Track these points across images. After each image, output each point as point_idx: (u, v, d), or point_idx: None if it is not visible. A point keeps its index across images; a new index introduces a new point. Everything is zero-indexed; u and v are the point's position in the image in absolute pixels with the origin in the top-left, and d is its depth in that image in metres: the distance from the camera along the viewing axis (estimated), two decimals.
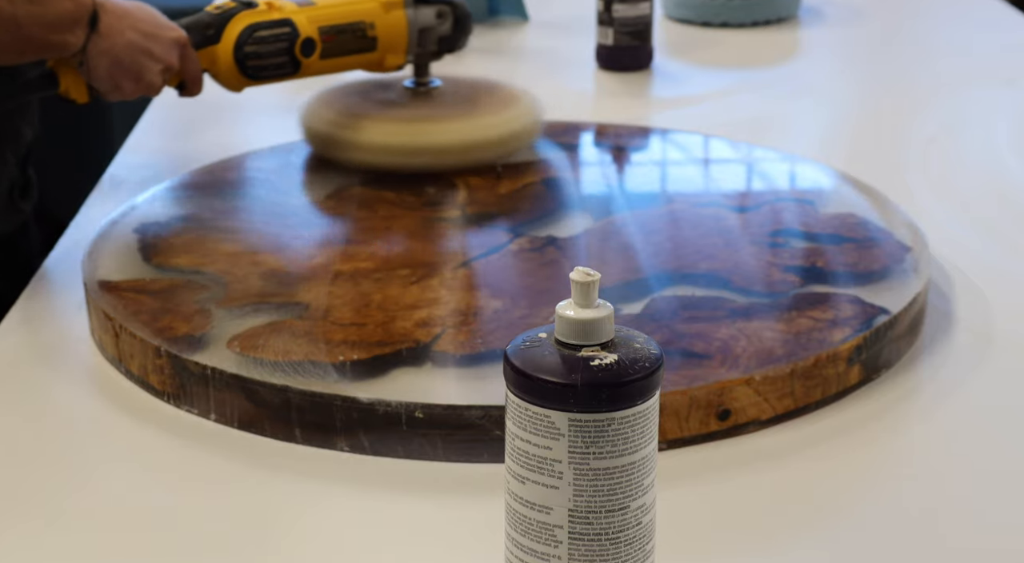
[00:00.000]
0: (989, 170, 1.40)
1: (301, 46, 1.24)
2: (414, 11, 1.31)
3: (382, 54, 1.31)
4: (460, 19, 1.34)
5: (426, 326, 0.98)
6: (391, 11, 1.30)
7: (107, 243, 1.13)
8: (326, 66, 1.28)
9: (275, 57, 1.24)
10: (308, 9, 1.26)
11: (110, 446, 0.94)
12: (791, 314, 1.00)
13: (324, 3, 1.28)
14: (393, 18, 1.30)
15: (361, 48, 1.29)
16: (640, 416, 0.68)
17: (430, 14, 1.32)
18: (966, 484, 0.88)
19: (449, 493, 0.87)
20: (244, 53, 1.22)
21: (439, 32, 1.33)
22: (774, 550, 0.82)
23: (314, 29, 1.25)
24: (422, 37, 1.32)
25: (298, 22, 1.25)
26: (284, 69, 1.26)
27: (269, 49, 1.23)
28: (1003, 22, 1.93)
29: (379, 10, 1.29)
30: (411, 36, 1.31)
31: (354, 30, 1.28)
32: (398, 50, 1.31)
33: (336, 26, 1.27)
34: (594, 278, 0.68)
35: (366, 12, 1.29)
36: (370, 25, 1.28)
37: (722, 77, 1.74)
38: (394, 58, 1.31)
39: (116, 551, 0.82)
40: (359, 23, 1.28)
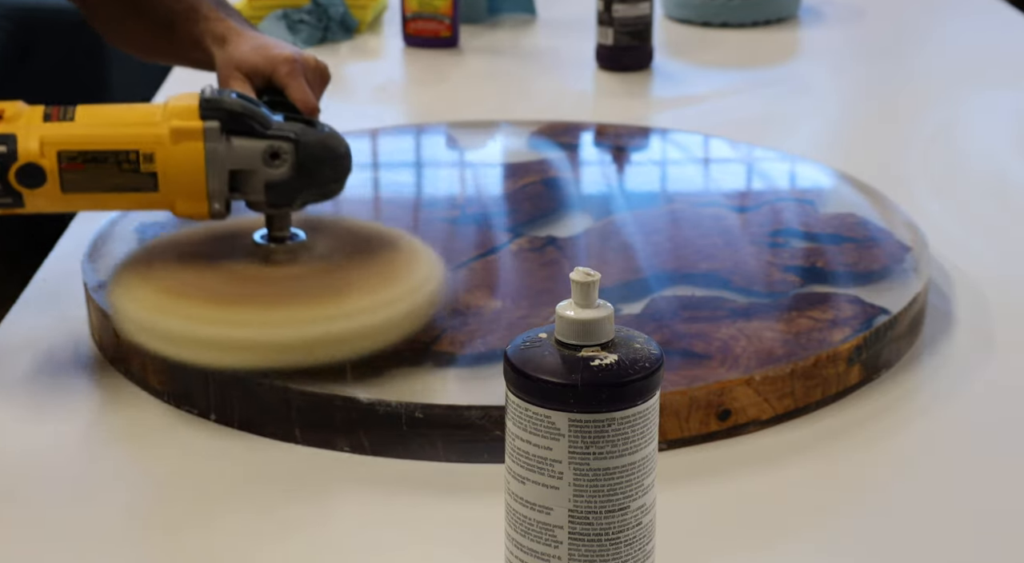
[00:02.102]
0: (989, 170, 1.40)
1: (17, 173, 0.93)
2: (220, 145, 0.95)
3: (169, 197, 0.96)
4: (308, 163, 0.97)
5: (426, 326, 0.98)
6: (181, 142, 0.95)
7: (107, 243, 1.13)
8: (77, 201, 0.96)
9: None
10: (54, 125, 0.95)
11: (110, 446, 0.94)
12: (791, 314, 1.00)
13: (88, 120, 0.96)
14: (183, 152, 0.95)
15: (131, 185, 0.95)
16: (640, 416, 0.68)
17: (252, 152, 0.96)
18: (966, 484, 0.88)
19: (449, 493, 0.87)
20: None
21: (268, 177, 0.97)
22: (774, 550, 0.82)
23: (49, 153, 0.93)
24: (239, 181, 0.97)
25: (22, 140, 0.93)
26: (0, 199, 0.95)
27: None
28: (1003, 22, 1.93)
29: (162, 139, 0.95)
30: (212, 178, 0.96)
31: (119, 160, 0.95)
32: (193, 195, 0.96)
33: (87, 152, 0.94)
34: (594, 278, 0.68)
35: (140, 139, 0.95)
36: (146, 157, 0.94)
37: (722, 77, 1.74)
38: (189, 205, 0.97)
39: (116, 551, 0.82)
40: (126, 152, 0.95)
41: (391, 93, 1.71)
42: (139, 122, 0.96)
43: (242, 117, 0.97)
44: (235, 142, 0.96)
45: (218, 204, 0.97)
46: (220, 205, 0.97)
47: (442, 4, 1.78)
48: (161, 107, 0.97)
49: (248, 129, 0.97)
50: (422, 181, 1.33)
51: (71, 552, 0.82)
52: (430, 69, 1.76)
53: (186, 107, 0.96)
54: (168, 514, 0.86)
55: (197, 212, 0.98)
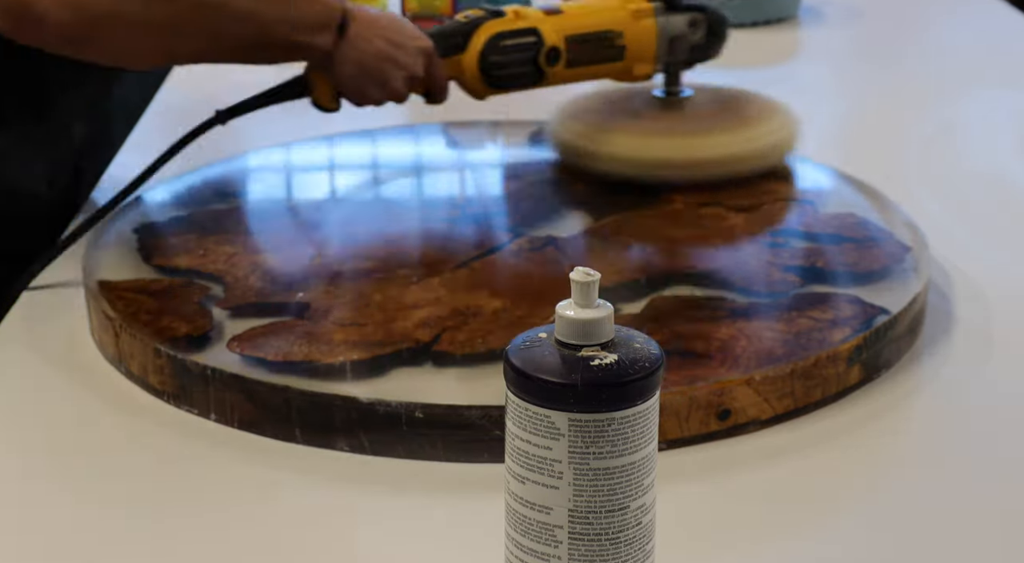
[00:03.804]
0: (989, 170, 1.40)
1: (546, 55, 1.21)
2: (665, 19, 1.26)
3: (630, 63, 1.26)
4: (714, 27, 1.28)
5: (426, 326, 0.98)
6: (641, 19, 1.25)
7: (107, 243, 1.13)
8: (571, 75, 1.24)
9: (519, 66, 1.21)
10: (555, 18, 1.23)
11: (110, 446, 0.94)
12: (791, 314, 1.00)
13: (572, 11, 1.24)
14: (643, 27, 1.25)
15: (608, 57, 1.25)
16: (640, 416, 0.68)
17: (682, 22, 1.26)
18: (966, 484, 0.88)
19: (449, 493, 0.87)
20: (488, 62, 1.20)
21: (691, 41, 1.27)
22: (774, 550, 0.82)
23: (560, 38, 1.21)
24: (673, 46, 1.27)
25: (544, 31, 1.21)
26: (528, 78, 1.22)
27: (513, 58, 1.21)
28: (1003, 22, 1.93)
29: (628, 18, 1.25)
30: (661, 45, 1.26)
31: (601, 39, 1.23)
32: (647, 59, 1.26)
33: (583, 35, 1.23)
34: (594, 278, 0.68)
35: (615, 20, 1.24)
36: (618, 34, 1.24)
37: (722, 77, 1.73)
38: (643, 68, 1.27)
39: (115, 551, 0.82)
40: (607, 32, 1.24)
41: None
42: (608, 8, 1.25)
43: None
44: (671, 16, 1.26)
45: (659, 66, 1.28)
46: (660, 67, 1.28)
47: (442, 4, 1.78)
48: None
49: (675, 6, 1.26)
50: (422, 181, 1.33)
51: (71, 552, 0.82)
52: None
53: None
54: (168, 514, 0.86)
55: (646, 72, 1.27)
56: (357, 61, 1.14)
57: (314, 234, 1.18)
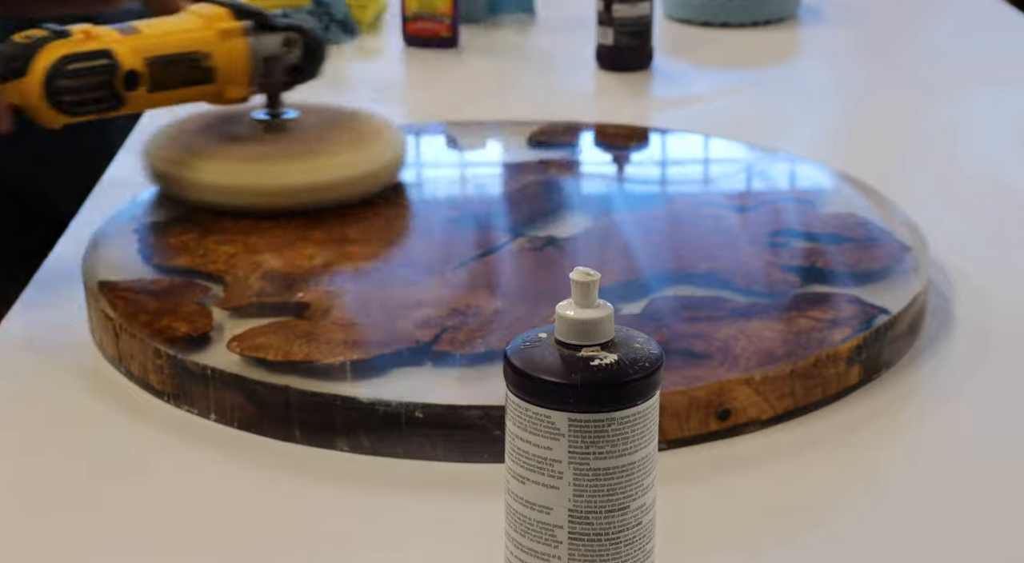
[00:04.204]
0: (989, 170, 1.40)
1: (123, 79, 1.11)
2: (256, 39, 1.19)
3: (221, 86, 1.19)
4: (311, 47, 1.22)
5: (426, 326, 0.98)
6: (229, 40, 1.18)
7: (107, 243, 1.13)
8: (158, 99, 1.16)
9: (93, 91, 1.11)
10: (132, 38, 1.13)
11: (110, 446, 0.94)
12: (791, 314, 1.00)
13: (152, 31, 1.15)
14: (232, 47, 1.18)
15: (197, 80, 1.17)
16: (640, 416, 0.68)
17: (275, 42, 1.20)
18: (966, 484, 0.88)
19: (449, 493, 0.87)
20: (55, 87, 1.08)
21: (287, 61, 1.21)
22: (774, 550, 0.82)
23: (139, 60, 1.12)
24: (267, 67, 1.20)
25: (118, 53, 1.11)
26: (105, 103, 1.12)
27: (86, 82, 1.10)
28: (1003, 22, 1.93)
29: (215, 39, 1.17)
30: (254, 66, 1.19)
31: (187, 60, 1.16)
32: (239, 81, 1.19)
33: (165, 56, 1.14)
34: (594, 278, 0.68)
35: (200, 41, 1.16)
36: (205, 55, 1.16)
37: (722, 77, 1.74)
38: (235, 90, 1.20)
39: (115, 551, 0.82)
40: (192, 53, 1.16)
41: (390, 93, 1.71)
42: (193, 28, 1.17)
43: (261, 15, 1.20)
44: (263, 36, 1.20)
45: (254, 88, 1.21)
46: (255, 89, 1.21)
47: (442, 4, 1.78)
48: (196, 15, 1.18)
49: (268, 24, 1.20)
50: (422, 181, 1.33)
51: (71, 552, 0.82)
52: (430, 69, 1.76)
53: (220, 13, 1.19)
54: (168, 514, 0.86)
55: (240, 96, 1.21)
56: None
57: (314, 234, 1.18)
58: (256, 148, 1.21)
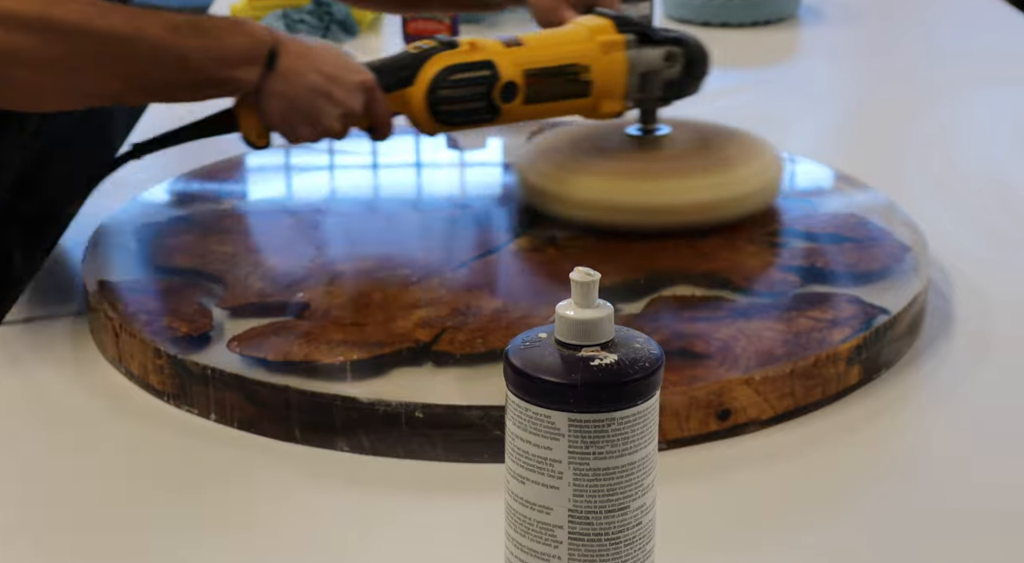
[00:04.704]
0: (989, 170, 1.40)
1: (501, 90, 1.12)
2: (637, 53, 1.15)
3: (596, 100, 1.16)
4: (692, 62, 1.18)
5: (426, 326, 0.98)
6: (610, 53, 1.15)
7: (107, 243, 1.13)
8: (531, 111, 1.15)
9: (471, 102, 1.12)
10: (514, 50, 1.13)
11: (110, 446, 0.94)
12: (791, 314, 1.00)
13: (534, 43, 1.15)
14: (611, 61, 1.15)
15: (572, 93, 1.15)
16: (640, 416, 0.68)
17: (656, 56, 1.16)
18: (966, 484, 0.88)
19: (449, 493, 0.87)
20: (437, 97, 1.11)
21: (665, 76, 1.17)
22: (774, 550, 0.82)
23: (518, 72, 1.12)
24: (645, 82, 1.17)
25: (500, 64, 1.12)
26: (481, 114, 1.13)
27: (464, 93, 1.12)
28: (1003, 22, 1.93)
29: (596, 51, 1.14)
30: (631, 81, 1.16)
31: (565, 73, 1.14)
32: (615, 96, 1.16)
33: (544, 69, 1.14)
34: (594, 278, 0.68)
35: (581, 54, 1.14)
36: (584, 68, 1.14)
37: (722, 77, 1.73)
38: (611, 104, 1.17)
39: (115, 551, 0.82)
40: (571, 66, 1.14)
41: None
42: (574, 41, 1.15)
43: (644, 28, 1.17)
44: (644, 50, 1.16)
45: (630, 103, 1.18)
46: (631, 104, 1.18)
47: None
48: (581, 27, 1.16)
49: (650, 38, 1.16)
50: (422, 181, 1.33)
51: (71, 551, 0.82)
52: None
53: (604, 25, 1.16)
54: (168, 514, 0.86)
55: (615, 110, 1.17)
56: (286, 96, 1.07)
57: (314, 234, 1.18)
58: (630, 164, 1.17)
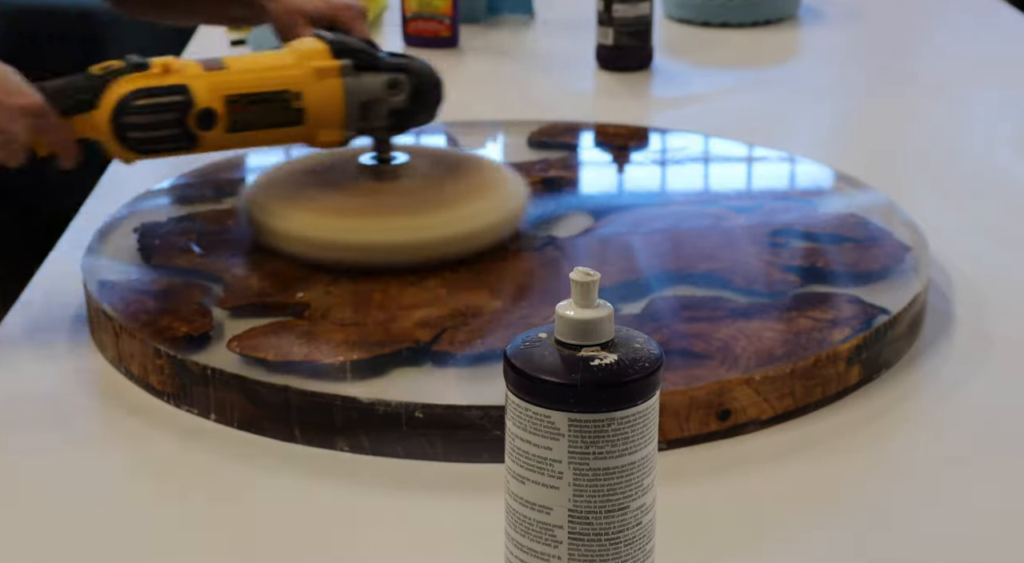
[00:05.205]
0: (989, 170, 1.40)
1: (197, 117, 1.05)
2: (355, 80, 1.09)
3: (312, 129, 1.09)
4: (420, 90, 1.12)
5: (426, 326, 0.98)
6: (324, 79, 1.08)
7: (107, 243, 1.13)
8: (237, 140, 1.08)
9: (162, 129, 1.04)
10: (214, 74, 1.06)
11: (110, 446, 0.94)
12: (791, 314, 1.00)
13: (239, 66, 1.07)
14: (326, 88, 1.08)
15: (283, 121, 1.08)
16: (640, 416, 0.68)
17: (377, 84, 1.10)
18: (966, 484, 0.88)
19: (449, 493, 0.87)
20: (123, 122, 1.03)
21: (390, 105, 1.11)
22: (774, 550, 0.82)
23: (217, 98, 1.05)
24: (366, 111, 1.10)
25: (195, 89, 1.05)
26: (176, 142, 1.05)
27: (154, 119, 1.04)
28: (1003, 22, 1.93)
29: (308, 78, 1.08)
30: (349, 109, 1.09)
31: (274, 100, 1.07)
32: (333, 125, 1.10)
33: (247, 94, 1.06)
34: (594, 278, 0.68)
35: (291, 80, 1.08)
36: (295, 95, 1.07)
37: (722, 77, 1.74)
38: (328, 134, 1.10)
39: (115, 551, 0.82)
40: (280, 93, 1.07)
41: None
42: (284, 65, 1.09)
43: (365, 54, 1.10)
44: (363, 77, 1.10)
45: (350, 132, 1.11)
46: (352, 133, 1.12)
47: (442, 4, 1.78)
48: (292, 52, 1.10)
49: (372, 64, 1.10)
50: None
51: (71, 551, 0.82)
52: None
53: (318, 50, 1.09)
54: (168, 514, 0.86)
55: (334, 140, 1.11)
56: None
57: None
58: (356, 199, 1.11)
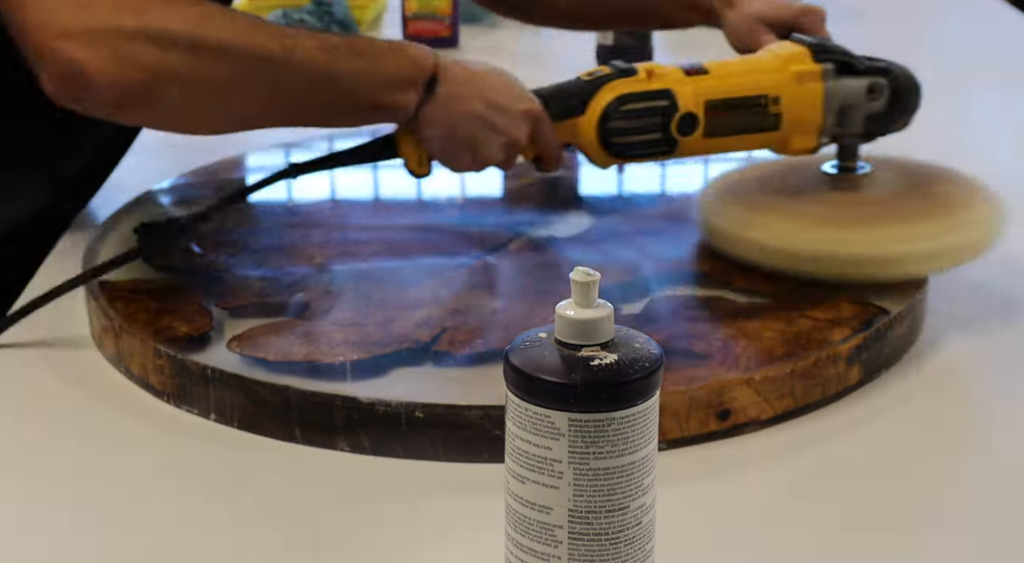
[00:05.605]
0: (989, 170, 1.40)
1: (679, 122, 1.05)
2: (835, 84, 1.06)
3: (786, 134, 1.07)
4: (899, 94, 1.08)
5: (426, 326, 0.98)
6: (804, 83, 1.06)
7: (107, 243, 1.13)
8: (713, 145, 1.08)
9: (646, 133, 1.05)
10: (696, 78, 1.06)
11: (110, 446, 0.94)
12: (791, 314, 1.00)
13: (719, 71, 1.07)
14: (806, 92, 1.06)
15: (759, 127, 1.07)
16: (640, 416, 0.68)
17: (857, 88, 1.07)
18: (965, 484, 0.88)
19: (449, 493, 0.87)
20: (609, 128, 1.05)
21: (867, 110, 1.08)
22: (774, 550, 0.82)
23: (699, 103, 1.05)
24: (843, 116, 1.08)
25: (679, 94, 1.05)
26: (657, 147, 1.06)
27: (639, 124, 1.05)
28: (1003, 22, 1.93)
29: (789, 82, 1.06)
30: (827, 115, 1.07)
31: (752, 105, 1.06)
32: (808, 131, 1.07)
33: (728, 100, 1.06)
34: (594, 278, 0.68)
35: (771, 84, 1.06)
36: (774, 100, 1.06)
37: None
38: (802, 140, 1.08)
39: (115, 551, 0.82)
40: (759, 97, 1.06)
41: None
42: (765, 69, 1.07)
43: (846, 57, 1.07)
44: (844, 81, 1.07)
45: (825, 138, 1.08)
46: (826, 139, 1.08)
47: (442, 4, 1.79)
48: (773, 55, 1.08)
49: (851, 68, 1.07)
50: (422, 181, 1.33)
51: (71, 551, 0.82)
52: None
53: (799, 53, 1.07)
54: (168, 514, 0.86)
55: (808, 146, 1.08)
56: (445, 123, 1.03)
57: (314, 234, 1.18)
58: (822, 207, 1.07)
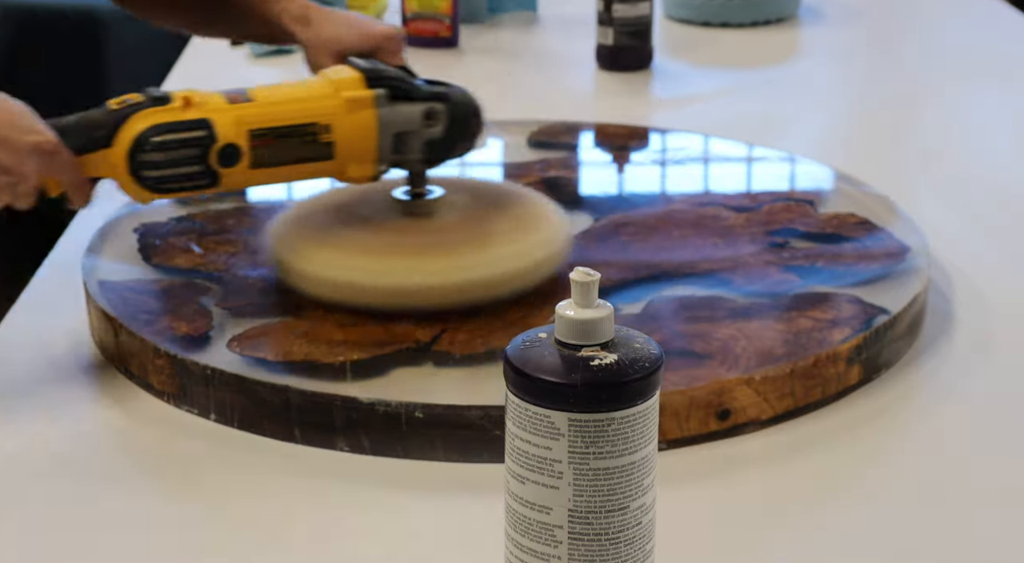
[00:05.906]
0: (989, 170, 1.40)
1: (219, 153, 0.98)
2: (389, 111, 1.02)
3: (342, 164, 1.02)
4: (457, 120, 1.05)
5: (426, 326, 0.98)
6: (356, 111, 1.01)
7: (107, 243, 1.13)
8: (262, 176, 1.01)
9: (181, 166, 0.97)
10: (238, 107, 0.99)
11: (110, 446, 0.94)
12: (791, 314, 1.00)
13: (265, 98, 1.01)
14: (358, 120, 1.01)
15: (312, 156, 1.01)
16: (640, 416, 0.68)
17: (413, 114, 1.03)
18: (965, 484, 0.88)
19: (449, 493, 0.87)
20: (139, 161, 0.96)
21: (425, 136, 1.04)
22: (774, 550, 0.82)
23: (241, 133, 0.98)
24: (400, 143, 1.04)
25: (218, 123, 0.98)
26: (196, 180, 0.98)
27: (174, 156, 0.97)
28: (1003, 22, 1.93)
29: (339, 109, 1.01)
30: (383, 142, 1.03)
31: (301, 134, 1.00)
32: (365, 159, 1.03)
33: (275, 128, 1.00)
34: (594, 278, 0.68)
35: (321, 112, 1.01)
36: (324, 128, 1.01)
37: (722, 77, 1.74)
38: (360, 169, 1.03)
39: (115, 551, 0.82)
40: (308, 125, 1.00)
41: None
42: (314, 96, 1.02)
43: (401, 83, 1.04)
44: (398, 107, 1.03)
45: (384, 166, 1.05)
46: (385, 167, 1.05)
47: (442, 4, 1.78)
48: (325, 81, 1.03)
49: (407, 94, 1.04)
50: None
51: (71, 551, 0.82)
52: (430, 69, 1.75)
53: (351, 78, 1.03)
54: (168, 513, 0.86)
55: (366, 175, 1.04)
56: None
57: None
58: (386, 237, 1.05)
